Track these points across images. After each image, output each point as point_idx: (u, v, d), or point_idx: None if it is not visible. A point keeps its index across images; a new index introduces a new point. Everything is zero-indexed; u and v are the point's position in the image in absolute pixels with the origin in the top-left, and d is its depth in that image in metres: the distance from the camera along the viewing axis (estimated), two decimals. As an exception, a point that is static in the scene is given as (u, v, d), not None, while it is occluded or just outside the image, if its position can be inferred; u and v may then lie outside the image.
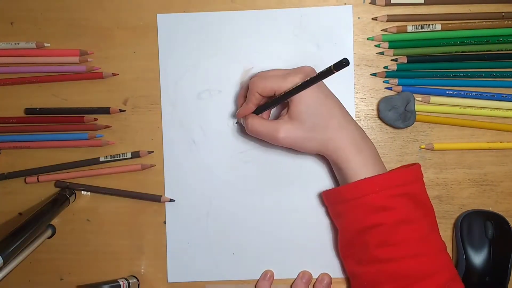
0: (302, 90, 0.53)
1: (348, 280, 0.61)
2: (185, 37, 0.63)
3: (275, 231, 0.62)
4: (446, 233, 0.62)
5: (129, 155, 0.63)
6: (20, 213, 0.64)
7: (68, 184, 0.63)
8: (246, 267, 0.63)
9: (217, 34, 0.63)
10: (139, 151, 0.63)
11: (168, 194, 0.63)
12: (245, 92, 0.59)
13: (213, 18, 0.63)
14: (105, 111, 0.63)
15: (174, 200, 0.63)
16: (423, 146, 0.62)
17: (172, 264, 0.63)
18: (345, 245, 0.58)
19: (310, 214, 0.62)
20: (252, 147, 0.63)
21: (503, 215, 0.61)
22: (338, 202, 0.57)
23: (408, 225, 0.53)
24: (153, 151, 0.63)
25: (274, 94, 0.56)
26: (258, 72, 0.59)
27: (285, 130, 0.55)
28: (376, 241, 0.53)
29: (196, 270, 0.63)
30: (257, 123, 0.57)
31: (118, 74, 0.63)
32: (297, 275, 0.62)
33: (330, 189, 0.59)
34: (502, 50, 0.61)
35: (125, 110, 0.63)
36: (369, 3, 0.62)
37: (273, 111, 0.62)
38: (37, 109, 0.64)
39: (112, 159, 0.63)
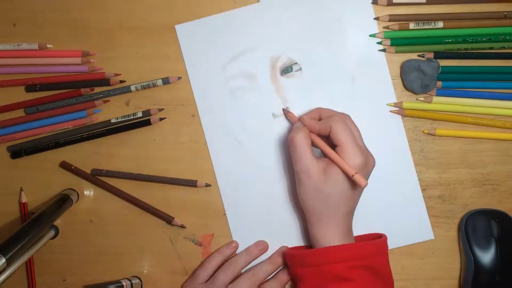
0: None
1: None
2: (207, 41, 0.63)
3: None
4: (449, 233, 0.62)
5: (140, 114, 0.63)
6: (32, 213, 0.64)
7: (104, 171, 0.63)
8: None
9: (238, 32, 0.63)
10: (149, 109, 0.63)
11: (225, 199, 0.63)
12: (315, 115, 0.59)
13: (230, 17, 0.63)
14: (105, 83, 0.63)
15: (210, 185, 0.63)
16: (425, 131, 0.62)
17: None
18: None
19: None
20: None
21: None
22: (300, 265, 0.57)
23: None
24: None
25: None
26: (348, 117, 0.57)
27: (315, 171, 0.55)
28: None
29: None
30: (307, 143, 0.56)
31: (120, 75, 0.63)
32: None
33: (294, 251, 0.59)
34: (504, 48, 0.61)
35: (125, 81, 0.63)
36: (371, 3, 0.62)
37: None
38: (37, 87, 0.63)
39: (123, 119, 0.63)
